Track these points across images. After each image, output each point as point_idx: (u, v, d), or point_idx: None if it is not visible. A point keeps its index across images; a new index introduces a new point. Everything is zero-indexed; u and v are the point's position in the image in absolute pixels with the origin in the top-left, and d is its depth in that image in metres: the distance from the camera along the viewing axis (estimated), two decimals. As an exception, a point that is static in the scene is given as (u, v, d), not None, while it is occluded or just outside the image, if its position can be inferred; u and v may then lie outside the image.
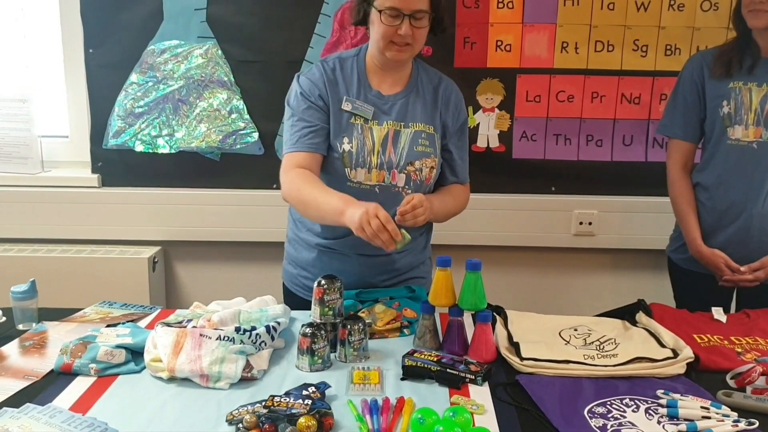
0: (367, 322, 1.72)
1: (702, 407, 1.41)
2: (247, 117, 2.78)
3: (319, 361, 1.61)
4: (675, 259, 2.34)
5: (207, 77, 2.75)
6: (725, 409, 1.41)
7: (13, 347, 1.71)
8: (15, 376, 1.55)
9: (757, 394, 1.48)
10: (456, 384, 1.53)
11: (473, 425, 1.35)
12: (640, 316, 1.87)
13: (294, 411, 1.33)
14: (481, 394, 1.50)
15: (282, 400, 1.37)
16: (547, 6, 2.68)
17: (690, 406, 1.41)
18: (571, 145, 2.79)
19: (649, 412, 1.43)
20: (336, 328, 1.68)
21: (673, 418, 1.39)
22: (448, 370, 1.55)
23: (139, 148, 2.81)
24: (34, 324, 1.83)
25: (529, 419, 1.41)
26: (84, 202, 2.84)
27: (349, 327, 1.65)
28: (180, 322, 1.73)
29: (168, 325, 1.70)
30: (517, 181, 2.81)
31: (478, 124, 2.76)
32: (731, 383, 1.56)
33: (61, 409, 1.38)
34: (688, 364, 1.61)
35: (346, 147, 1.89)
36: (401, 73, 1.96)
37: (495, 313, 1.83)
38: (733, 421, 1.37)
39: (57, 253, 2.78)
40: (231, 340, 1.58)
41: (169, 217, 2.86)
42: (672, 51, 2.70)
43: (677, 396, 1.46)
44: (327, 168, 1.93)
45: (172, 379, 1.54)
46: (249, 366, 1.56)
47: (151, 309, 2.01)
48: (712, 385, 1.53)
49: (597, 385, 1.53)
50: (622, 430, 1.35)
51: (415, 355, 1.60)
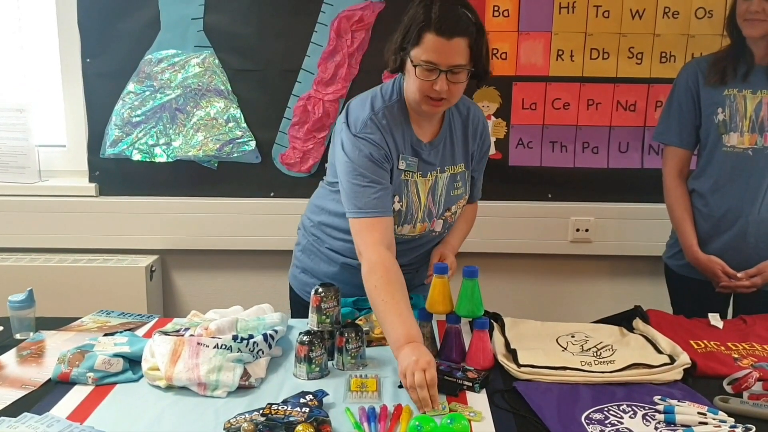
0: (364, 329, 1.73)
1: (699, 413, 1.41)
2: (244, 125, 2.78)
3: (317, 368, 1.61)
4: (672, 266, 2.35)
5: (204, 86, 2.76)
6: (722, 415, 1.41)
7: (10, 356, 1.71)
8: (12, 385, 1.55)
9: (753, 399, 1.49)
10: (453, 391, 1.53)
11: (471, 432, 1.35)
12: (637, 323, 1.87)
13: (291, 419, 1.33)
14: (478, 401, 1.50)
15: (279, 408, 1.37)
16: (542, 14, 2.69)
17: (687, 411, 1.42)
18: (567, 152, 2.80)
19: (647, 418, 1.43)
20: (333, 336, 1.68)
21: (670, 424, 1.40)
22: (446, 378, 1.55)
23: (136, 157, 2.81)
24: (31, 333, 1.83)
25: (527, 426, 1.41)
26: (81, 211, 2.84)
27: (346, 335, 1.65)
28: (177, 331, 1.74)
29: (165, 333, 1.70)
30: (514, 188, 2.82)
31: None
32: (728, 389, 1.56)
33: (58, 418, 1.38)
34: (685, 370, 1.61)
35: (396, 206, 1.82)
36: (437, 116, 1.86)
37: (492, 320, 1.83)
38: (730, 426, 1.37)
39: (54, 263, 2.77)
40: (228, 349, 1.58)
41: (166, 226, 2.86)
42: (667, 58, 2.71)
43: (674, 402, 1.46)
44: None
45: (169, 387, 1.54)
46: (246, 374, 1.56)
47: (148, 318, 2.01)
48: (709, 390, 1.54)
49: (594, 391, 1.54)
50: (620, 437, 1.36)
51: (412, 362, 1.60)
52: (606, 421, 1.41)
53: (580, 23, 2.70)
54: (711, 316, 1.94)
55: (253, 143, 2.79)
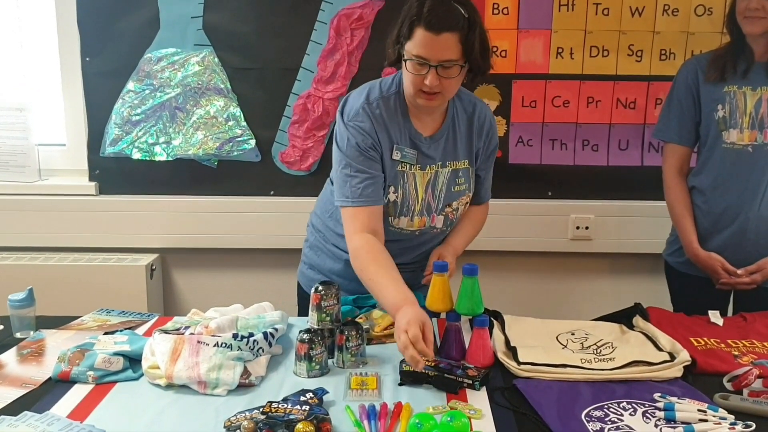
0: (364, 327, 1.73)
1: (699, 410, 1.41)
2: (244, 124, 2.78)
3: (317, 367, 1.61)
4: (672, 263, 2.35)
5: (204, 85, 2.76)
6: (722, 412, 1.41)
7: (10, 355, 1.71)
8: (13, 384, 1.55)
9: (753, 396, 1.49)
10: (454, 389, 1.53)
11: (471, 430, 1.35)
12: (637, 320, 1.87)
13: (292, 417, 1.33)
14: (478, 399, 1.50)
15: (280, 406, 1.37)
16: (542, 12, 2.69)
17: (687, 409, 1.42)
18: (567, 150, 2.80)
19: (647, 415, 1.43)
20: (333, 333, 1.68)
21: (670, 421, 1.40)
22: (446, 375, 1.55)
23: (136, 155, 2.81)
24: (31, 332, 1.83)
25: (527, 423, 1.41)
26: (81, 210, 2.84)
27: (346, 333, 1.65)
28: (178, 329, 1.74)
29: (166, 332, 1.70)
30: (514, 186, 2.82)
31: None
32: (728, 386, 1.56)
33: (59, 417, 1.38)
34: (685, 367, 1.61)
35: (391, 197, 1.83)
36: (438, 110, 1.86)
37: (492, 318, 1.83)
38: (730, 423, 1.37)
39: (54, 261, 2.78)
40: (229, 347, 1.58)
41: (166, 224, 2.86)
42: (667, 56, 2.71)
43: (674, 399, 1.46)
44: None
45: (169, 386, 1.54)
46: (247, 372, 1.56)
47: (148, 316, 2.01)
48: (709, 388, 1.54)
49: (594, 388, 1.54)
50: (620, 434, 1.36)
51: (412, 360, 1.60)
52: (606, 419, 1.41)
53: (580, 21, 2.69)
54: (711, 313, 1.94)
55: (252, 142, 2.79)
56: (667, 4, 2.67)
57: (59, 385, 1.56)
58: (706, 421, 1.38)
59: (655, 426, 1.39)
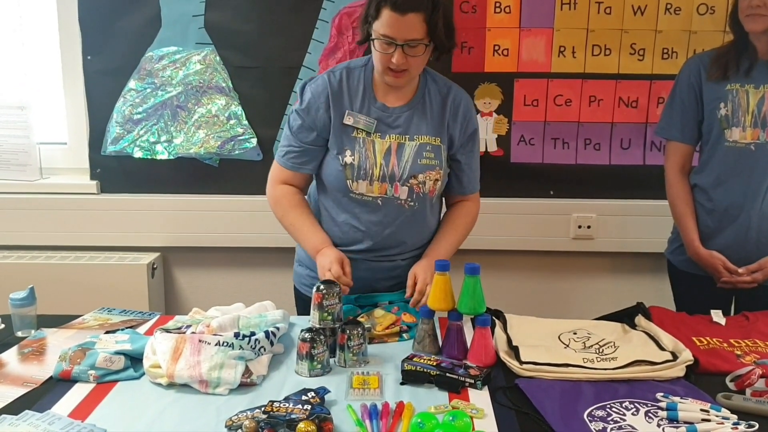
0: (366, 326, 1.72)
1: (702, 410, 1.41)
2: (245, 123, 2.78)
3: (319, 366, 1.61)
4: (674, 262, 2.34)
5: (205, 83, 2.76)
6: (725, 412, 1.41)
7: (11, 354, 1.71)
8: (14, 383, 1.55)
9: (756, 396, 1.48)
10: (455, 388, 1.53)
11: (473, 429, 1.35)
12: (639, 319, 1.87)
13: (293, 416, 1.33)
14: (480, 398, 1.50)
15: (281, 405, 1.37)
16: (544, 10, 2.69)
17: (690, 408, 1.41)
18: (569, 149, 2.79)
19: (649, 415, 1.42)
20: (335, 333, 1.68)
21: (672, 420, 1.39)
22: (448, 375, 1.55)
23: (137, 154, 2.81)
24: (32, 331, 1.83)
25: (529, 423, 1.41)
26: (83, 208, 2.84)
27: (348, 332, 1.65)
28: (179, 328, 1.74)
29: (167, 331, 1.70)
30: (516, 185, 2.82)
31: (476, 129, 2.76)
32: (731, 386, 1.56)
33: (60, 416, 1.38)
34: (687, 366, 1.61)
35: (348, 159, 1.89)
36: (408, 86, 1.93)
37: (494, 317, 1.83)
38: (733, 423, 1.37)
39: (56, 260, 2.78)
40: (230, 346, 1.58)
41: (167, 223, 2.86)
42: (669, 54, 2.70)
43: (677, 399, 1.46)
44: (330, 179, 1.94)
45: (171, 385, 1.54)
46: (248, 371, 1.56)
47: (150, 315, 2.01)
48: (711, 387, 1.53)
49: (596, 388, 1.53)
50: (622, 434, 1.35)
51: (414, 359, 1.60)
52: (608, 418, 1.41)
53: (582, 19, 2.69)
54: (713, 312, 1.94)
55: (254, 140, 2.79)
56: (669, 2, 2.66)
57: (60, 384, 1.56)
58: (708, 420, 1.38)
59: (658, 426, 1.38)
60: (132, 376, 1.58)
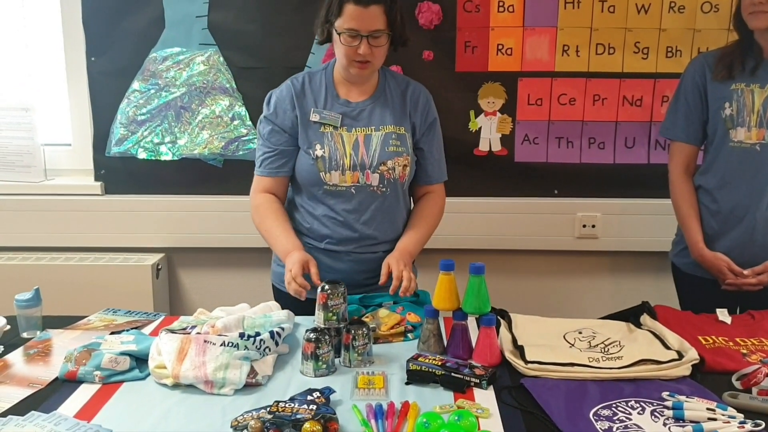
0: (371, 326, 1.72)
1: (708, 409, 1.40)
2: (249, 123, 2.78)
3: (324, 366, 1.61)
4: (678, 264, 2.32)
5: (209, 84, 2.76)
6: (731, 411, 1.40)
7: (17, 355, 1.71)
8: (20, 384, 1.55)
9: (763, 395, 1.48)
10: (461, 388, 1.53)
11: (478, 429, 1.35)
12: (645, 318, 1.87)
13: (299, 416, 1.33)
14: (486, 398, 1.50)
15: (287, 405, 1.37)
16: (547, 9, 2.68)
17: (696, 407, 1.41)
18: (573, 148, 2.79)
19: (655, 414, 1.42)
20: (340, 333, 1.68)
21: (678, 420, 1.39)
22: (453, 374, 1.55)
23: (141, 155, 2.81)
24: (38, 332, 1.83)
25: (535, 422, 1.40)
26: (87, 209, 2.84)
27: (353, 332, 1.65)
28: (184, 329, 1.74)
29: (172, 331, 1.70)
30: (520, 184, 2.81)
31: (480, 128, 2.77)
32: (737, 384, 1.55)
33: (66, 417, 1.38)
34: (693, 365, 1.60)
35: (318, 153, 1.98)
36: (368, 82, 2.05)
37: (499, 317, 1.82)
38: (740, 422, 1.36)
39: (61, 261, 2.78)
40: (235, 346, 1.58)
41: (172, 224, 2.86)
42: (673, 53, 2.70)
43: (683, 398, 1.45)
44: (303, 174, 2.02)
45: (176, 385, 1.54)
46: (253, 372, 1.56)
47: (155, 316, 2.01)
48: (717, 386, 1.53)
49: (602, 387, 1.53)
50: (628, 433, 1.35)
51: (419, 359, 1.60)
52: (614, 418, 1.40)
53: (586, 18, 2.69)
54: (719, 311, 1.93)
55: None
56: (673, 1, 2.66)
57: (66, 384, 1.56)
58: (715, 419, 1.38)
59: (664, 425, 1.38)
60: (137, 377, 1.59)
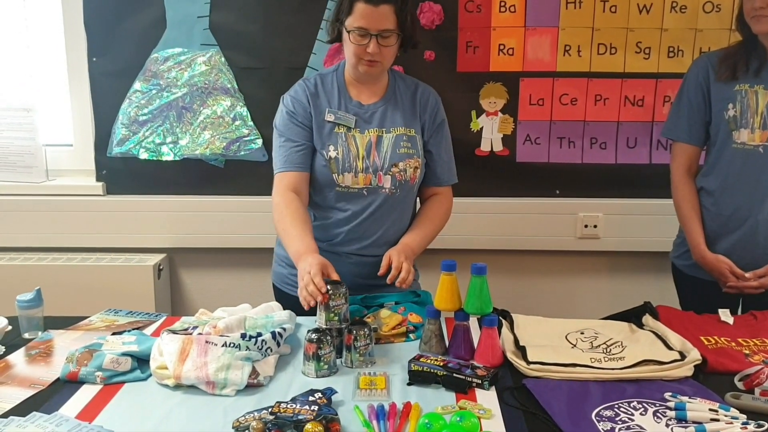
0: (372, 327, 1.72)
1: (710, 409, 1.40)
2: (250, 123, 2.78)
3: (325, 366, 1.61)
4: (679, 266, 2.31)
5: (210, 84, 2.76)
6: (734, 411, 1.40)
7: (19, 356, 1.71)
8: (21, 384, 1.55)
9: (765, 395, 1.47)
10: (463, 388, 1.53)
11: (480, 430, 1.35)
12: (647, 319, 1.86)
13: (300, 417, 1.32)
14: (488, 399, 1.49)
15: (288, 406, 1.37)
16: (549, 9, 2.68)
17: (698, 408, 1.41)
18: (575, 148, 2.79)
19: (657, 414, 1.42)
20: (342, 333, 1.68)
21: (681, 420, 1.39)
22: (455, 375, 1.54)
23: (143, 155, 2.81)
24: (39, 332, 1.83)
25: (537, 423, 1.40)
26: (89, 210, 2.85)
27: (354, 332, 1.65)
28: (186, 329, 1.74)
29: (173, 332, 1.70)
30: (522, 184, 2.81)
31: (482, 128, 2.76)
32: (739, 385, 1.55)
33: (67, 418, 1.38)
34: (695, 366, 1.60)
35: (332, 154, 1.99)
36: (378, 84, 2.06)
37: (501, 317, 1.82)
38: (742, 423, 1.36)
39: (62, 262, 2.78)
40: (237, 347, 1.58)
41: (173, 224, 2.86)
42: (675, 53, 2.69)
43: (685, 398, 1.45)
44: (316, 175, 2.01)
45: (178, 386, 1.54)
46: (255, 372, 1.56)
47: (156, 316, 2.01)
48: (720, 387, 1.53)
49: (604, 388, 1.53)
50: (631, 434, 1.35)
51: (421, 359, 1.60)
52: (617, 418, 1.40)
53: (587, 18, 2.68)
54: (721, 311, 1.93)
55: (259, 141, 2.79)
56: (674, 1, 2.65)
57: (67, 385, 1.56)
58: (717, 420, 1.37)
59: (666, 426, 1.38)
60: (139, 378, 1.59)
